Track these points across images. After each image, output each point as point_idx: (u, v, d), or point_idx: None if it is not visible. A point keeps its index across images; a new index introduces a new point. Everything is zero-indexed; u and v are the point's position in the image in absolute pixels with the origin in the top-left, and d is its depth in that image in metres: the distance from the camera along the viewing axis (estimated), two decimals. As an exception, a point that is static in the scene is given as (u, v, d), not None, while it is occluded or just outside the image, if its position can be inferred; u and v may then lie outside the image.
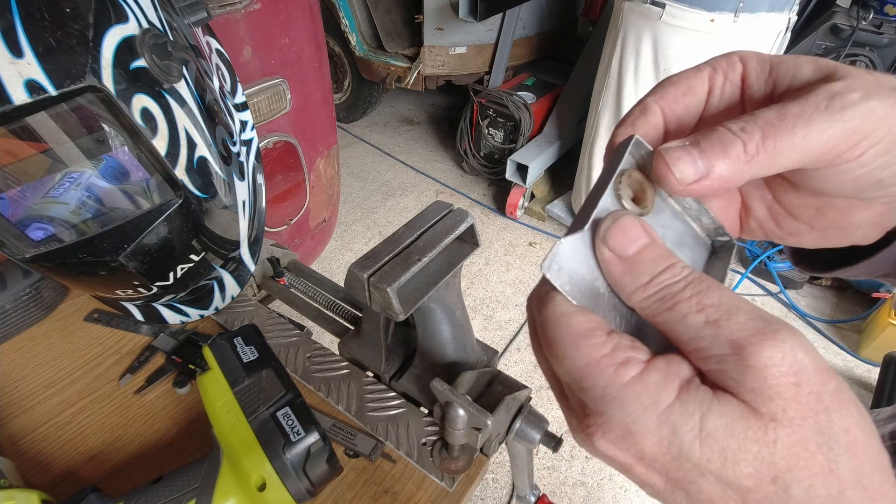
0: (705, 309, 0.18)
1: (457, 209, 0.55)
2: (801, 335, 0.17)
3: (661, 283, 0.19)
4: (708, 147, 0.19)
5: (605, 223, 0.20)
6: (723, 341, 0.17)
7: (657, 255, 0.20)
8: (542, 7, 2.56)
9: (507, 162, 2.39)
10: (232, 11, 1.01)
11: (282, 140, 1.25)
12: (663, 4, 1.65)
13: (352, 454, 0.55)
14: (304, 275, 0.75)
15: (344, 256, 2.28)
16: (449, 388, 0.49)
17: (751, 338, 0.16)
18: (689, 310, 0.18)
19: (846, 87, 0.19)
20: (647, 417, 0.17)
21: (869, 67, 1.93)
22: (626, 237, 0.20)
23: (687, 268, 0.19)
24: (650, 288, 0.19)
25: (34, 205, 0.53)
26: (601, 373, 0.18)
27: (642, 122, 0.23)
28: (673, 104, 0.24)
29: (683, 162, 0.19)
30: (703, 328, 0.17)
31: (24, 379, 0.60)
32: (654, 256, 0.20)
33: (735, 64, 0.23)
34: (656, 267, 0.19)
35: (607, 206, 0.21)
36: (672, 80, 0.24)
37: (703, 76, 0.24)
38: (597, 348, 0.18)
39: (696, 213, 0.24)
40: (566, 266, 0.20)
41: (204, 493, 0.43)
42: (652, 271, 0.19)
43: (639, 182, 0.22)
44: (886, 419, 0.47)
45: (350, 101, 3.09)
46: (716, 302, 0.18)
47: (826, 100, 0.19)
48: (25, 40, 0.37)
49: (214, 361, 0.48)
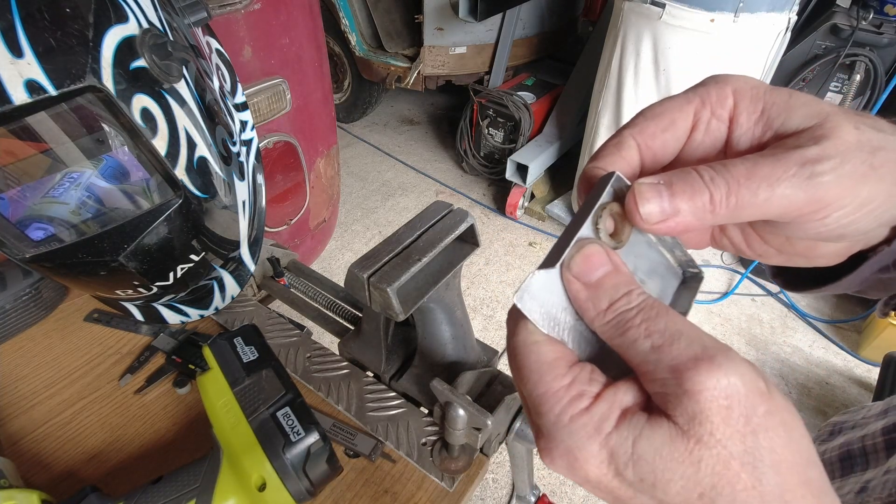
0: (652, 335, 0.19)
1: (457, 209, 0.55)
2: (740, 360, 0.18)
3: (618, 309, 0.20)
4: (678, 191, 0.20)
5: (570, 251, 0.21)
6: (664, 366, 0.18)
7: (618, 281, 0.21)
8: (542, 7, 2.56)
9: (507, 162, 2.39)
10: (232, 11, 1.01)
11: (282, 140, 1.25)
12: (663, 4, 1.65)
13: (352, 454, 0.55)
14: (304, 275, 0.75)
15: (344, 256, 2.28)
16: (449, 388, 0.49)
17: (688, 363, 0.18)
18: (639, 335, 0.19)
19: (821, 153, 0.20)
20: (591, 444, 0.19)
21: (869, 67, 1.93)
22: (590, 265, 0.21)
23: (642, 294, 0.20)
24: (608, 314, 0.20)
25: (34, 205, 0.53)
26: (557, 402, 0.20)
27: (616, 157, 0.23)
28: (650, 140, 0.23)
29: (651, 202, 0.20)
30: (649, 353, 0.19)
31: (24, 379, 0.60)
32: (614, 283, 0.21)
33: (726, 99, 0.23)
34: (616, 293, 0.21)
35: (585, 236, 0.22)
36: (655, 111, 0.24)
37: (689, 110, 0.23)
38: (557, 379, 0.20)
39: (670, 245, 0.25)
40: (539, 296, 0.21)
41: (204, 493, 0.43)
42: (611, 297, 0.21)
43: (619, 215, 0.23)
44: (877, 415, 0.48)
45: (350, 101, 3.09)
46: (662, 328, 0.19)
47: (797, 165, 0.20)
48: (25, 40, 0.37)
49: (214, 361, 0.48)
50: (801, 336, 2.03)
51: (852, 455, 0.46)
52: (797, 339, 2.03)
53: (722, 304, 2.15)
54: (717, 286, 2.23)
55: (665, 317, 0.19)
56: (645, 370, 0.19)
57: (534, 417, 0.21)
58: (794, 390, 1.84)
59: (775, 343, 2.01)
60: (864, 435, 0.46)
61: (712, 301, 2.16)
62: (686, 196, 0.20)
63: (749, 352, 1.97)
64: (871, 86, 1.99)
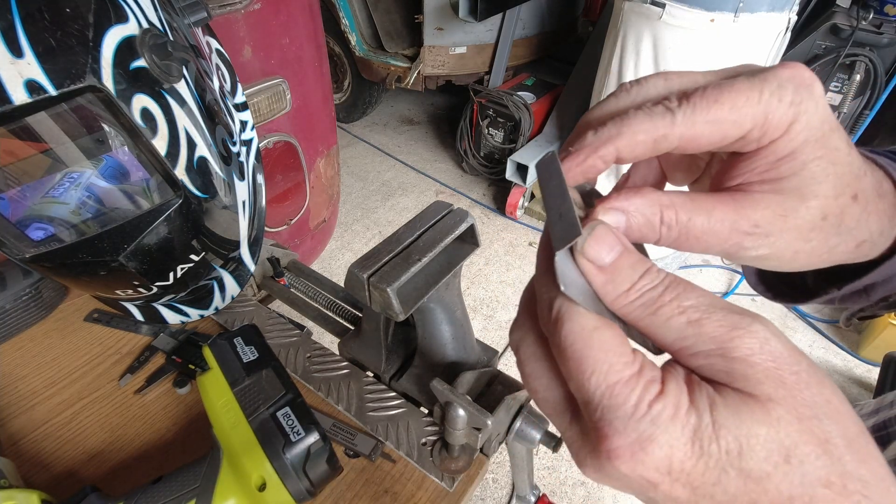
0: (686, 311, 0.19)
1: (457, 209, 0.55)
2: (772, 325, 0.18)
3: (643, 289, 0.20)
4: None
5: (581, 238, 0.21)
6: (706, 339, 0.18)
7: (633, 261, 0.20)
8: (542, 7, 2.56)
9: (507, 162, 2.38)
10: (232, 11, 1.01)
11: (282, 140, 1.25)
12: (663, 4, 1.65)
13: (352, 454, 0.55)
14: (304, 275, 0.75)
15: (344, 256, 2.28)
16: (449, 388, 0.49)
17: (731, 332, 0.18)
18: (672, 313, 0.19)
19: None
20: (674, 427, 0.18)
21: (869, 67, 1.93)
22: (603, 246, 0.20)
23: (662, 271, 0.20)
24: (632, 294, 0.20)
25: (34, 205, 0.53)
26: (632, 391, 0.18)
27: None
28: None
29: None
30: (686, 328, 0.19)
31: (24, 379, 0.60)
32: (630, 263, 0.20)
33: None
34: (635, 273, 0.20)
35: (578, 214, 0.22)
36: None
37: None
38: (628, 366, 0.19)
39: None
40: (569, 277, 0.20)
41: (204, 493, 0.43)
42: (632, 278, 0.20)
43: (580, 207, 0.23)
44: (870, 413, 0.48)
45: (350, 101, 3.09)
46: (695, 303, 0.19)
47: None
48: (25, 40, 0.37)
49: (214, 361, 0.48)
50: (801, 336, 2.03)
51: None
52: (797, 339, 2.03)
53: (722, 304, 2.15)
54: (716, 286, 2.23)
55: (693, 291, 0.19)
56: (683, 346, 0.19)
57: (600, 414, 0.19)
58: (794, 390, 1.84)
59: (775, 343, 2.00)
60: None
61: (712, 301, 2.16)
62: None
63: (749, 352, 1.96)
64: (871, 86, 1.99)
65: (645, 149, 0.21)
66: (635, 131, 0.21)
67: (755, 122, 0.20)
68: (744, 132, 0.21)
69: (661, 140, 0.21)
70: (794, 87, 0.20)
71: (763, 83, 0.20)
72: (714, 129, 0.20)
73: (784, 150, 0.21)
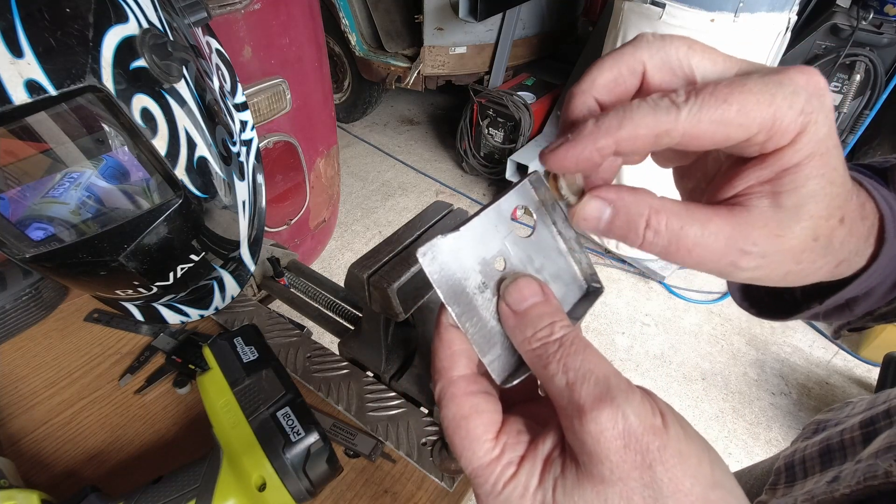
0: (567, 371, 0.20)
1: (457, 209, 0.55)
2: (640, 400, 0.19)
3: (541, 340, 0.21)
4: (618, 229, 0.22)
5: (506, 282, 0.23)
6: (574, 406, 0.19)
7: (544, 312, 0.22)
8: (542, 7, 2.56)
9: (508, 162, 2.39)
10: (232, 11, 1.01)
11: (282, 140, 1.25)
12: (663, 4, 1.65)
13: (352, 454, 0.55)
14: (304, 275, 0.75)
15: (344, 256, 2.28)
16: (449, 388, 0.48)
17: (592, 404, 0.19)
18: (557, 370, 0.20)
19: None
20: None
21: (869, 68, 1.94)
22: (521, 295, 0.23)
23: (566, 328, 0.22)
24: (532, 342, 0.22)
25: (34, 205, 0.53)
26: (491, 474, 0.21)
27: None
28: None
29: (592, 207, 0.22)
30: (563, 389, 0.20)
31: (24, 379, 0.60)
32: (540, 313, 0.22)
33: None
34: (540, 323, 0.22)
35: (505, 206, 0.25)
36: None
37: None
38: (489, 452, 0.21)
39: (578, 255, 0.27)
40: (440, 259, 0.24)
41: (204, 493, 0.43)
42: (535, 326, 0.22)
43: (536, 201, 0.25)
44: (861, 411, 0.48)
45: (350, 101, 3.09)
46: (576, 366, 0.20)
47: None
48: (25, 40, 0.37)
49: (214, 361, 0.48)
50: (802, 336, 2.03)
51: (832, 449, 0.46)
52: (797, 339, 2.03)
53: (722, 304, 2.15)
54: (717, 286, 2.23)
55: (582, 353, 0.20)
56: (559, 405, 0.20)
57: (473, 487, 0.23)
58: (794, 390, 1.84)
59: (775, 343, 2.01)
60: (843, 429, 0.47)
61: (712, 301, 2.17)
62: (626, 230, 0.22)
63: (749, 352, 1.97)
64: (871, 86, 1.99)
65: (645, 143, 0.20)
66: (637, 125, 0.20)
67: (762, 127, 0.20)
68: (749, 135, 0.20)
69: (663, 136, 0.20)
70: (807, 96, 0.20)
71: (777, 87, 0.19)
72: (719, 130, 0.20)
73: (789, 161, 0.20)
